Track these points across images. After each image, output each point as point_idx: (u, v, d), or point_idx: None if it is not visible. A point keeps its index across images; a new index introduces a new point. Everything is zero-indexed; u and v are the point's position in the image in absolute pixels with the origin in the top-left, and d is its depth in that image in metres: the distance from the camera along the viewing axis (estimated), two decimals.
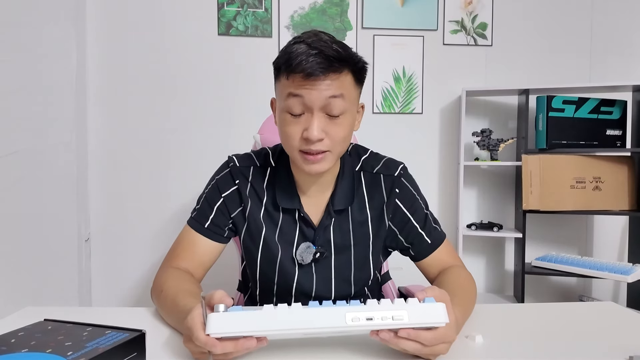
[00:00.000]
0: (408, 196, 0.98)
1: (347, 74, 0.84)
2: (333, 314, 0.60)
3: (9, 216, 1.84)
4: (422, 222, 0.98)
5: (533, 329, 0.75)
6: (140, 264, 2.16)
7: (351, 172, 0.97)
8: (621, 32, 2.29)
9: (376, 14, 2.22)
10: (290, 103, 0.82)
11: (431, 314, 0.61)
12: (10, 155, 1.84)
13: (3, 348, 0.54)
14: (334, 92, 0.81)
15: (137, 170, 2.15)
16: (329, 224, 0.95)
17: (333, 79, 0.81)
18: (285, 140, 0.86)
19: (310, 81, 0.80)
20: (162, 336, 0.72)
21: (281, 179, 0.95)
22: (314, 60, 0.79)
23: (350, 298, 0.98)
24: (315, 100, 0.81)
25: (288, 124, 0.84)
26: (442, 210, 2.31)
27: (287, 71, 0.81)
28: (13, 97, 1.84)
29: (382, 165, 0.99)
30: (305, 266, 0.94)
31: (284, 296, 0.97)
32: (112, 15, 2.10)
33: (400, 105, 2.27)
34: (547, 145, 2.09)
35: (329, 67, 0.80)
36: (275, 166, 0.97)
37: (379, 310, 0.61)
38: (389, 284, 1.23)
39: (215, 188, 0.96)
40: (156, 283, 0.89)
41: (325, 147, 0.84)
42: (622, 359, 0.63)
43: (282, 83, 0.84)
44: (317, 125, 0.81)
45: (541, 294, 2.36)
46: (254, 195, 0.95)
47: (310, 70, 0.79)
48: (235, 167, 0.97)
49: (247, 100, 2.18)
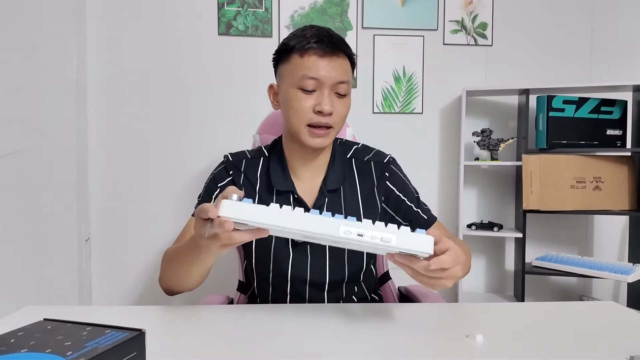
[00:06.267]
0: (399, 181, 1.04)
1: (347, 59, 0.95)
2: (329, 224, 0.65)
3: (9, 216, 1.85)
4: (415, 202, 1.04)
5: (533, 328, 0.75)
6: (140, 264, 2.16)
7: (342, 159, 1.04)
8: (621, 32, 2.29)
9: (376, 13, 2.22)
10: (305, 79, 0.91)
11: (418, 243, 0.66)
12: (10, 155, 1.84)
13: (2, 348, 0.53)
14: (343, 77, 0.92)
15: (137, 170, 2.15)
16: (322, 204, 0.99)
17: (342, 61, 0.93)
18: (294, 115, 0.93)
19: (325, 59, 0.90)
20: (162, 336, 0.72)
21: (275, 165, 1.02)
22: (327, 40, 0.91)
23: (345, 282, 1.01)
24: (328, 78, 0.91)
25: (299, 100, 0.92)
26: (442, 210, 2.31)
27: (303, 50, 0.91)
28: (13, 97, 1.84)
29: (373, 154, 1.06)
30: (299, 248, 0.97)
31: (280, 283, 1.00)
32: (112, 15, 2.10)
33: (400, 105, 2.27)
34: (548, 145, 2.09)
35: (338, 48, 0.92)
36: (269, 155, 1.04)
37: (370, 230, 0.65)
38: (389, 284, 1.23)
39: (212, 180, 1.04)
40: (162, 262, 0.94)
41: (332, 122, 0.93)
42: (622, 358, 0.63)
43: (295, 62, 0.92)
44: (329, 101, 0.91)
45: (541, 294, 2.36)
46: (247, 184, 1.02)
47: (325, 47, 0.90)
48: (228, 161, 1.05)
49: (246, 100, 2.18)
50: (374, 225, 0.66)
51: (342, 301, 1.02)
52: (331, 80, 0.91)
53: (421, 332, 0.74)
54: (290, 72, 0.93)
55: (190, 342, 0.70)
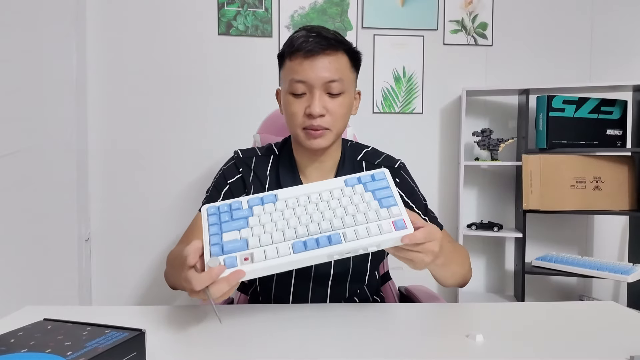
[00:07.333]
0: (408, 186, 1.04)
1: (344, 55, 0.92)
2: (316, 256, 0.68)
3: (9, 216, 1.85)
4: (423, 210, 1.03)
5: (533, 328, 0.75)
6: (140, 264, 2.16)
7: (352, 160, 1.04)
8: (621, 32, 2.29)
9: (376, 13, 2.22)
10: (293, 83, 0.90)
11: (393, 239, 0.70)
12: (10, 155, 1.84)
13: (2, 348, 0.54)
14: (333, 76, 0.89)
15: (137, 170, 2.15)
16: None
17: (331, 59, 0.89)
18: (290, 119, 0.93)
19: (310, 60, 0.88)
20: (162, 336, 0.72)
21: (285, 164, 1.02)
22: (313, 40, 0.88)
23: (350, 276, 1.00)
24: (315, 79, 0.88)
25: (291, 104, 0.92)
26: (442, 210, 2.31)
27: (290, 53, 0.90)
28: (13, 97, 1.84)
29: (383, 158, 1.06)
30: None
31: (284, 279, 0.99)
32: (112, 15, 2.10)
33: (400, 105, 2.27)
34: (548, 145, 2.09)
35: (327, 46, 0.88)
36: (279, 154, 1.04)
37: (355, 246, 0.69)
38: (389, 284, 1.23)
39: (222, 176, 1.03)
40: (168, 259, 0.94)
41: (326, 124, 0.91)
42: (623, 358, 0.63)
43: (286, 67, 0.92)
44: (318, 102, 0.89)
45: (541, 294, 2.36)
46: (256, 182, 1.01)
47: (310, 47, 0.87)
48: (239, 158, 1.04)
49: (247, 100, 2.18)
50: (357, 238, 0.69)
51: (344, 302, 1.02)
52: (319, 81, 0.89)
53: (421, 332, 0.74)
54: (284, 77, 0.94)
55: (190, 342, 0.70)
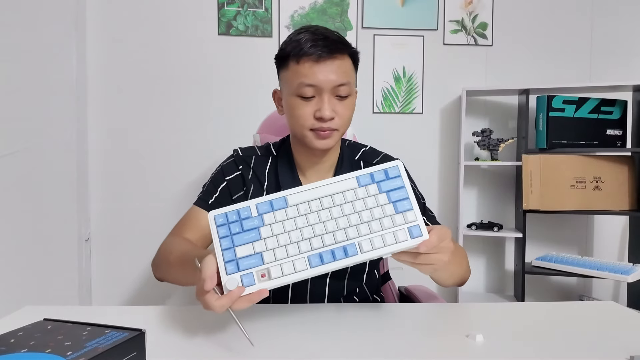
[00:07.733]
0: None
1: (348, 58, 0.92)
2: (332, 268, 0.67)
3: (9, 216, 1.85)
4: (422, 209, 1.03)
5: (533, 328, 0.75)
6: (140, 264, 2.16)
7: (350, 160, 1.04)
8: (621, 32, 2.29)
9: (376, 13, 2.22)
10: (302, 87, 0.89)
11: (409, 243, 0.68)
12: (10, 155, 1.84)
13: (2, 348, 0.53)
14: (342, 80, 0.89)
15: (137, 170, 2.15)
16: None
17: (339, 63, 0.89)
18: (296, 121, 0.92)
19: (320, 64, 0.88)
20: (162, 336, 0.72)
21: (283, 165, 1.01)
22: (322, 43, 0.88)
23: (348, 274, 1.01)
24: (326, 83, 0.88)
25: (299, 107, 0.91)
26: (442, 210, 2.31)
27: (298, 56, 0.88)
28: (13, 97, 1.84)
29: (381, 157, 1.06)
30: None
31: None
32: (112, 15, 2.10)
33: (400, 105, 2.27)
34: (548, 145, 2.09)
35: (335, 49, 0.89)
36: (277, 154, 1.04)
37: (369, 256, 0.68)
38: (389, 284, 1.23)
39: (220, 172, 1.03)
40: (161, 250, 0.94)
41: (335, 126, 0.91)
42: (623, 358, 0.63)
43: (292, 69, 0.90)
44: (328, 106, 0.89)
45: (541, 294, 2.36)
46: (255, 181, 1.01)
47: (320, 52, 0.87)
48: (239, 155, 1.04)
49: (246, 100, 2.18)
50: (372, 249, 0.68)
51: (343, 301, 1.02)
52: (330, 85, 0.88)
53: (421, 332, 0.74)
54: (289, 79, 0.92)
55: (190, 342, 0.70)
